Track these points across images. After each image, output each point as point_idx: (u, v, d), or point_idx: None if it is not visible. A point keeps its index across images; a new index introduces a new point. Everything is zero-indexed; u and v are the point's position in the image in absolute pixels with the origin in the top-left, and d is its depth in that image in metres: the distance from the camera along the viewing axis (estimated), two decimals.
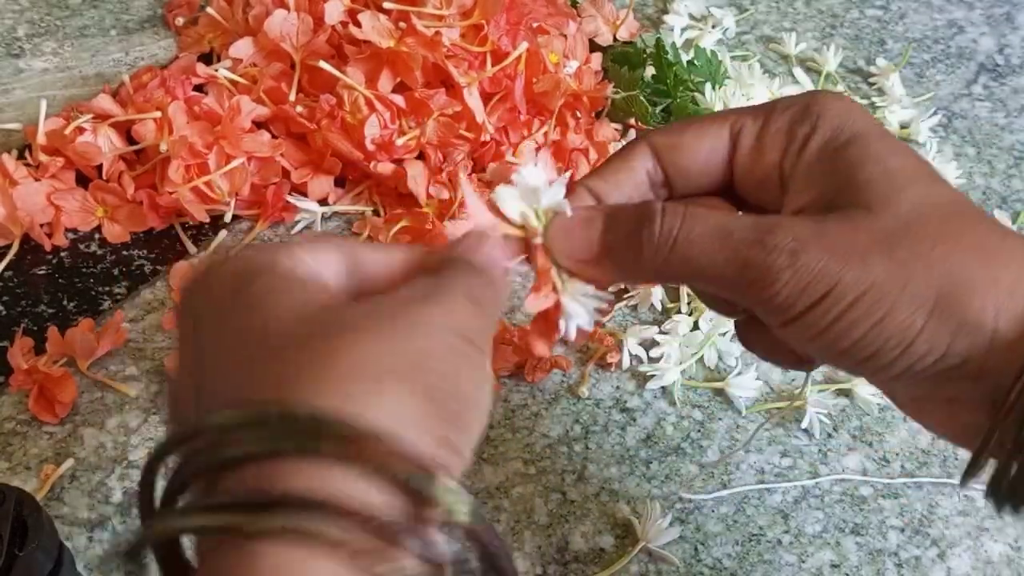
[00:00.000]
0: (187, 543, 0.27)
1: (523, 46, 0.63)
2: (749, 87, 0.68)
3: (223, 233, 0.62)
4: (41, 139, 0.63)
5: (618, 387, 0.56)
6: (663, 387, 0.56)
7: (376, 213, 0.63)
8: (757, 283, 0.32)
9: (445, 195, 0.61)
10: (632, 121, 0.68)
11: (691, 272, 0.33)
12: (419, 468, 0.25)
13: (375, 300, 0.29)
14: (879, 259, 0.31)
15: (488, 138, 0.63)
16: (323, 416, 0.25)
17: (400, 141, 0.61)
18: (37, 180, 0.62)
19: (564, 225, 0.35)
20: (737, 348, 0.57)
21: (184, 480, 0.27)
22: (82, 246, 0.62)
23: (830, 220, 0.32)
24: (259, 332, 0.28)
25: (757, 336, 0.38)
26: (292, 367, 0.27)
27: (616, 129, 0.67)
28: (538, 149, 0.64)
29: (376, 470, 0.25)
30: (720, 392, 0.56)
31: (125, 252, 0.62)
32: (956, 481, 0.53)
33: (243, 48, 0.67)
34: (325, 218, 0.62)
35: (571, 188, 0.36)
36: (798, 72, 0.73)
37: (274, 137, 0.64)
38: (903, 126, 0.70)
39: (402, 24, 0.63)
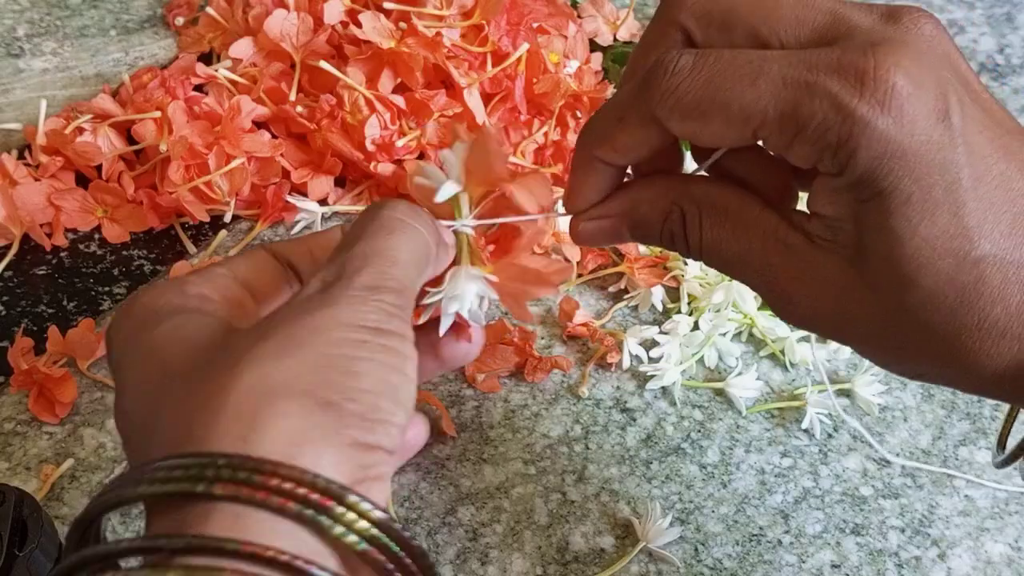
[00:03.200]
0: None
1: (524, 47, 0.63)
2: None
3: (223, 233, 0.62)
4: (41, 139, 0.63)
5: (618, 387, 0.56)
6: (663, 387, 0.56)
7: None
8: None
9: None
10: None
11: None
12: (316, 496, 0.26)
13: (270, 317, 0.29)
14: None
15: None
16: (216, 456, 0.25)
17: (401, 142, 0.61)
18: (37, 180, 0.62)
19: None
20: (737, 348, 0.57)
21: (92, 519, 0.28)
22: (82, 246, 0.62)
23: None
24: (158, 376, 0.29)
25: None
26: (190, 406, 0.27)
27: None
28: (539, 150, 0.64)
29: (269, 506, 0.25)
30: (720, 392, 0.56)
31: (125, 252, 0.62)
32: (956, 480, 0.53)
33: (243, 48, 0.66)
34: (325, 218, 0.62)
35: (575, 164, 0.35)
36: None
37: (274, 137, 0.64)
38: None
39: (402, 24, 0.63)
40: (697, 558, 0.49)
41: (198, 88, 0.65)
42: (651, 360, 0.57)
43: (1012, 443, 0.35)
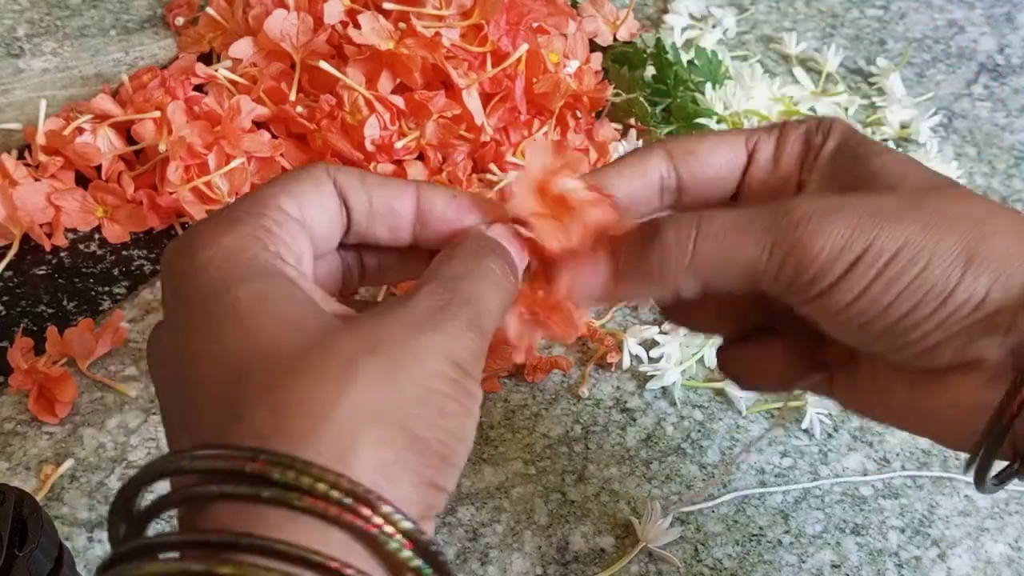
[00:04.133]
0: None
1: (523, 47, 0.63)
2: (749, 87, 0.68)
3: None
4: (40, 139, 0.63)
5: (618, 387, 0.56)
6: (663, 387, 0.56)
7: None
8: (789, 259, 0.32)
9: None
10: (632, 121, 0.68)
11: (714, 269, 0.33)
12: (390, 528, 0.26)
13: (376, 321, 0.29)
14: (911, 215, 0.32)
15: (488, 139, 0.63)
16: (302, 468, 0.25)
17: (400, 143, 0.61)
18: (37, 180, 0.62)
19: (571, 271, 0.35)
20: None
21: (158, 510, 0.27)
22: (82, 246, 0.62)
23: (850, 195, 0.33)
24: (243, 355, 0.28)
25: (741, 358, 0.39)
26: (279, 405, 0.27)
27: (616, 129, 0.67)
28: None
29: (342, 526, 0.25)
30: (720, 392, 0.56)
31: (125, 252, 0.62)
32: (957, 479, 0.53)
33: (243, 48, 0.67)
34: None
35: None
36: (798, 72, 0.73)
37: (274, 137, 0.64)
38: (903, 126, 0.70)
39: (402, 25, 0.63)
40: (697, 558, 0.49)
41: (198, 88, 0.65)
42: (651, 360, 0.57)
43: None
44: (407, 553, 0.26)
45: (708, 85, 0.67)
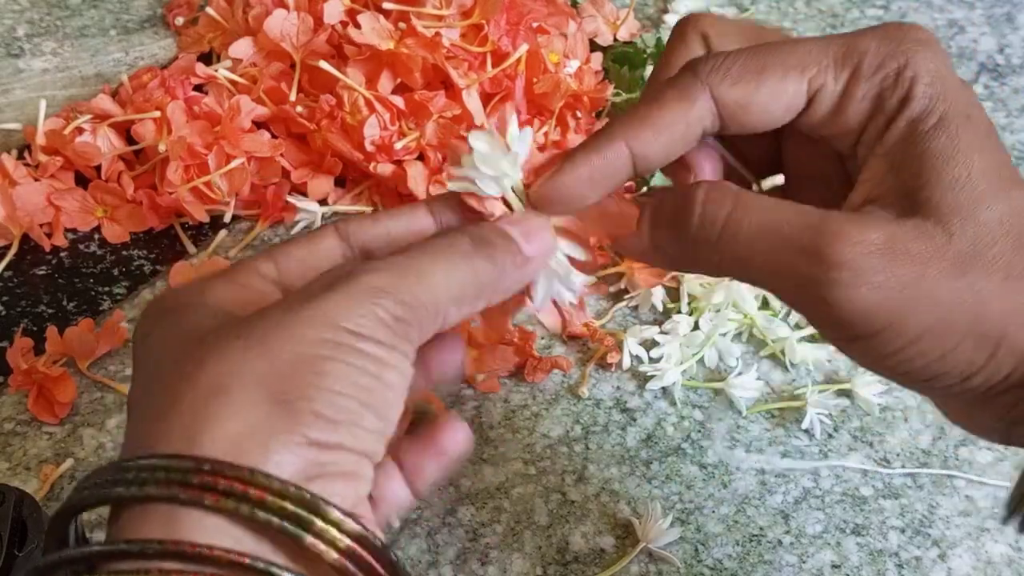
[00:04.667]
0: None
1: (523, 47, 0.63)
2: None
3: (223, 233, 0.62)
4: (40, 139, 0.63)
5: (618, 387, 0.56)
6: (663, 387, 0.56)
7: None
8: (813, 297, 0.30)
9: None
10: None
11: (740, 270, 0.32)
12: (254, 491, 0.26)
13: (261, 309, 0.29)
14: (949, 293, 0.29)
15: None
16: (171, 459, 0.26)
17: (400, 144, 0.61)
18: (37, 180, 0.62)
19: (604, 211, 0.33)
20: (737, 348, 0.57)
21: (64, 518, 0.28)
22: (82, 246, 0.62)
23: (900, 233, 0.30)
24: (150, 368, 0.29)
25: None
26: (156, 401, 0.28)
27: None
28: (540, 150, 0.64)
29: (201, 504, 0.26)
30: (720, 392, 0.56)
31: (125, 252, 0.62)
32: (958, 479, 0.53)
33: (243, 48, 0.67)
34: (325, 218, 0.62)
35: (601, 143, 0.32)
36: None
37: (274, 137, 0.64)
38: None
39: (402, 24, 0.63)
40: (697, 558, 0.49)
41: (198, 88, 0.65)
42: (651, 360, 0.57)
43: None
44: (262, 515, 0.26)
45: None
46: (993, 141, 0.31)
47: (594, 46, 0.71)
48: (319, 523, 0.26)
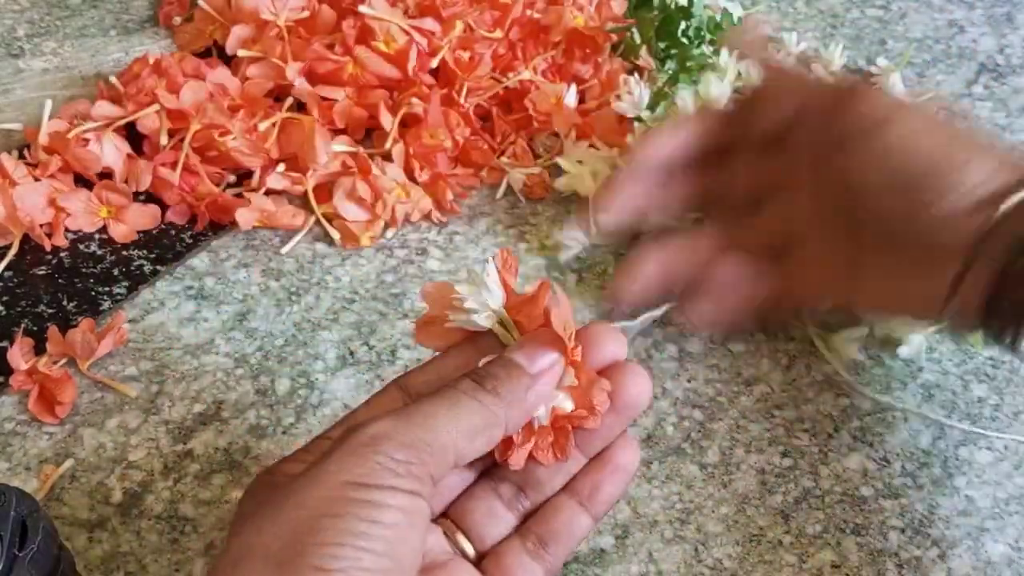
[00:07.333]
0: None
1: None
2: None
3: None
4: (44, 139, 0.63)
5: None
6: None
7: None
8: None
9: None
10: (640, 62, 0.70)
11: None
12: None
13: (298, 473, 0.32)
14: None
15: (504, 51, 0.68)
16: None
17: (434, 62, 0.65)
18: (37, 180, 0.62)
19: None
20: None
21: None
22: (82, 246, 0.62)
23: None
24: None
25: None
26: (219, 559, 0.31)
27: (625, 65, 0.70)
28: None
29: None
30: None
31: (125, 252, 0.62)
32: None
33: (243, 33, 0.68)
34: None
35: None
36: None
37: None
38: None
39: None
40: (697, 558, 0.49)
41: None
42: None
43: None
44: None
45: (724, 51, 0.67)
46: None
47: None
48: None
